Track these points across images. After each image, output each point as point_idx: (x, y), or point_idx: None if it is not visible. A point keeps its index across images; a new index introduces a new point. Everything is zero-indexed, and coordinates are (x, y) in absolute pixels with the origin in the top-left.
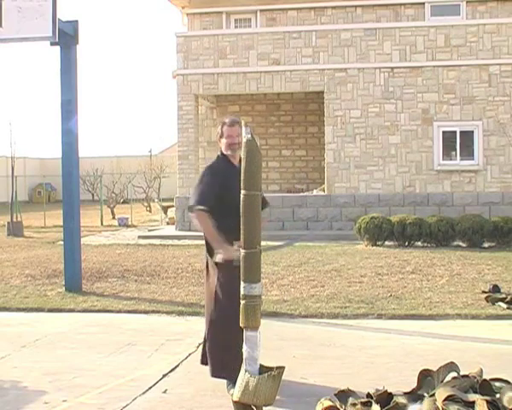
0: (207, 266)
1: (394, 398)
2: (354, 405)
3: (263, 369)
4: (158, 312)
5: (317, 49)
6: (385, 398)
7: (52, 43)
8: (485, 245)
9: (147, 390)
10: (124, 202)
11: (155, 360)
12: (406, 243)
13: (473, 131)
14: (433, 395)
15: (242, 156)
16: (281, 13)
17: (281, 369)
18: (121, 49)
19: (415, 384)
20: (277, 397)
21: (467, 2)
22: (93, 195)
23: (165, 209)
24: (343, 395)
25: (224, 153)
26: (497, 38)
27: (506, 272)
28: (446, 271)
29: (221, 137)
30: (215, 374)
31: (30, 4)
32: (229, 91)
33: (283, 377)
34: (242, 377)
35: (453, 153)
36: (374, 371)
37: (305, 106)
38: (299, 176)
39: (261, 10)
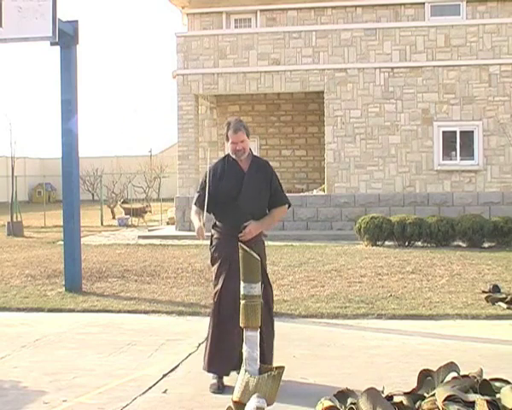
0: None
1: (394, 398)
2: (354, 405)
3: (263, 369)
4: (158, 312)
5: (317, 49)
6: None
7: (52, 43)
8: (485, 245)
9: (147, 390)
10: (124, 202)
11: (155, 360)
12: (406, 243)
13: (473, 131)
14: (433, 395)
15: None
16: (281, 13)
17: (281, 369)
18: (121, 50)
19: (415, 384)
20: (277, 397)
21: (467, 2)
22: (93, 195)
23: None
24: (342, 395)
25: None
26: (497, 38)
27: (506, 272)
28: (446, 271)
29: (226, 140)
30: (204, 368)
31: (30, 4)
32: (229, 91)
33: (283, 377)
34: (242, 377)
35: (453, 153)
36: (374, 371)
37: (305, 106)
38: (299, 176)
39: (261, 10)
